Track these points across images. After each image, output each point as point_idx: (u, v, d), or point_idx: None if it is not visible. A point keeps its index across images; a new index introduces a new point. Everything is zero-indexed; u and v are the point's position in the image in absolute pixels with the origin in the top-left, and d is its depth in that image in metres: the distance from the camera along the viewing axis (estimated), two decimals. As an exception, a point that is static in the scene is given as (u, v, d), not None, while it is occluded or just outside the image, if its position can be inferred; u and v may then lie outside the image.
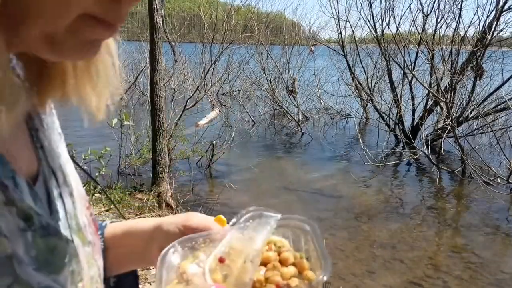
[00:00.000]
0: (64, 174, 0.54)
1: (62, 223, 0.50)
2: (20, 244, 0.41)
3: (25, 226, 0.42)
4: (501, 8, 6.87)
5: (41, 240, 0.44)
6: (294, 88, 10.77)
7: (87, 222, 0.57)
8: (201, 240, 0.52)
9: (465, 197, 5.99)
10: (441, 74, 7.71)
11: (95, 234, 0.58)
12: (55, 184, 0.51)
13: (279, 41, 12.40)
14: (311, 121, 10.59)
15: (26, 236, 0.42)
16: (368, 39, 10.19)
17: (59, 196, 0.51)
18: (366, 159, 6.65)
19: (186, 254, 0.51)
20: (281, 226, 0.53)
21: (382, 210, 5.32)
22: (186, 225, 0.64)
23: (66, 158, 0.57)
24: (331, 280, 3.51)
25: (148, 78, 6.08)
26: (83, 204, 0.58)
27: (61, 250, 0.47)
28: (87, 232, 0.55)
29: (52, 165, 0.52)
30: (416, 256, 4.15)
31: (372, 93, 9.55)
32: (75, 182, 0.58)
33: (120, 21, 0.41)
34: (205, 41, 9.51)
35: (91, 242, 0.55)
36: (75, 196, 0.55)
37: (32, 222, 0.43)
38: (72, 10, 0.38)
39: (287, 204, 5.30)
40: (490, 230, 4.85)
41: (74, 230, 0.52)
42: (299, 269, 0.51)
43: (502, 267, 4.04)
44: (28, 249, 0.42)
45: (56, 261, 0.45)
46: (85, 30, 0.40)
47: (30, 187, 0.44)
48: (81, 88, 0.50)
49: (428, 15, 7.99)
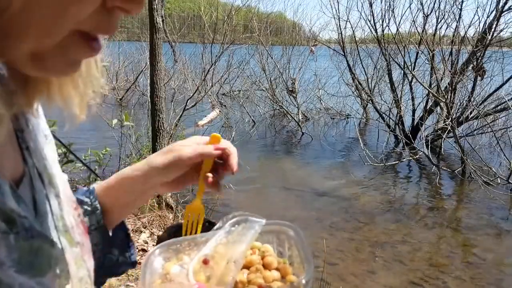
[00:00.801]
0: (50, 176, 0.54)
1: (48, 224, 0.49)
2: (2, 247, 0.40)
3: (7, 229, 0.41)
4: (501, 9, 6.87)
5: (25, 243, 0.43)
6: (295, 88, 10.77)
7: (74, 223, 0.56)
8: (186, 243, 0.53)
9: (465, 197, 5.99)
10: (441, 74, 7.71)
11: (84, 235, 0.58)
12: (40, 186, 0.50)
13: (280, 42, 12.40)
14: (311, 121, 10.59)
15: (9, 239, 0.41)
16: (369, 39, 10.19)
17: (45, 198, 0.50)
18: (366, 159, 6.65)
19: (170, 256, 0.52)
20: (266, 231, 0.55)
21: (382, 210, 5.32)
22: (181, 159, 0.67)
23: (53, 160, 0.57)
24: (331, 280, 3.51)
25: (148, 78, 6.08)
26: (70, 205, 0.57)
27: (45, 252, 0.46)
28: (75, 233, 0.55)
29: (38, 166, 0.52)
30: (416, 256, 4.15)
31: (372, 93, 9.55)
32: (62, 183, 0.57)
33: (112, 31, 0.41)
34: (205, 41, 9.51)
35: (79, 242, 0.55)
36: (61, 197, 0.55)
37: (15, 224, 0.42)
38: (65, 27, 0.38)
39: (287, 204, 5.30)
40: (490, 230, 4.85)
41: (61, 231, 0.52)
42: (282, 273, 0.52)
43: (502, 267, 4.04)
44: (10, 252, 0.41)
45: (41, 263, 0.45)
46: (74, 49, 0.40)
47: (12, 189, 0.44)
48: (63, 88, 0.50)
49: (429, 15, 7.99)
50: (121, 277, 3.12)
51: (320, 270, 3.52)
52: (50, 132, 0.59)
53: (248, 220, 0.52)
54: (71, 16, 0.37)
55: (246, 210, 0.65)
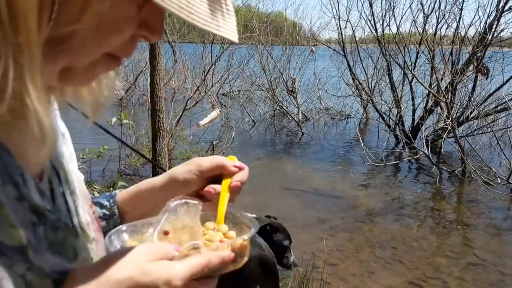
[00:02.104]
0: (65, 173, 0.56)
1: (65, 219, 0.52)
2: (33, 236, 0.43)
3: (37, 221, 0.45)
4: (501, 9, 6.87)
5: (52, 234, 0.47)
6: (295, 88, 10.77)
7: (90, 220, 0.58)
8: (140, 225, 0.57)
9: (465, 197, 5.99)
10: (442, 74, 7.70)
11: (98, 232, 0.60)
12: (57, 182, 0.52)
13: (280, 41, 12.40)
14: (311, 121, 10.59)
15: (38, 230, 0.45)
16: (369, 39, 10.19)
17: (61, 194, 0.53)
18: (366, 159, 6.65)
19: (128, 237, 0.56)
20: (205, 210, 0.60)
21: (382, 210, 5.32)
22: (200, 169, 0.68)
23: (69, 157, 0.59)
24: (331, 280, 3.51)
25: (148, 78, 6.08)
26: (85, 202, 0.60)
27: (70, 243, 0.50)
28: (90, 230, 0.57)
29: (54, 163, 0.54)
30: (416, 257, 4.15)
31: (373, 93, 9.54)
32: (77, 181, 0.59)
33: (132, 53, 0.49)
34: (205, 41, 9.51)
35: (94, 239, 0.57)
36: (77, 194, 0.57)
37: (44, 217, 0.46)
38: (102, 52, 0.44)
39: (287, 204, 5.30)
40: (490, 230, 4.85)
41: (76, 227, 0.54)
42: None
43: (502, 267, 4.04)
44: (40, 241, 0.44)
45: (67, 253, 0.48)
46: (102, 67, 0.47)
47: (36, 184, 0.46)
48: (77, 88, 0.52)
49: (429, 15, 7.99)
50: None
51: (320, 270, 3.52)
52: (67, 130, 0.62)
53: (187, 202, 0.56)
54: (110, 44, 0.44)
55: (246, 210, 0.66)
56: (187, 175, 0.68)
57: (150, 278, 0.44)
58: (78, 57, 0.43)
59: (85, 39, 0.41)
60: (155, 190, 0.70)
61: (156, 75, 4.83)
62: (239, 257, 0.56)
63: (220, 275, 0.53)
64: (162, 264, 0.46)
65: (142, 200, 0.72)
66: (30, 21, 0.36)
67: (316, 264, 3.62)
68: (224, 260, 0.51)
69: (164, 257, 0.47)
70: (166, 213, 0.55)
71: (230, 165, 0.68)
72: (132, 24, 0.44)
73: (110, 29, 0.42)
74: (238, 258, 0.55)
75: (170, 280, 0.44)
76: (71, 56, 0.42)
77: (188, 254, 0.50)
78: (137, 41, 0.48)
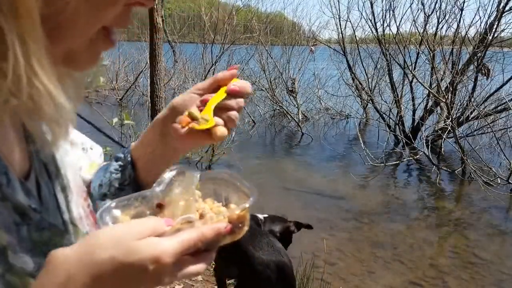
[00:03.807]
0: (57, 168, 0.55)
1: (53, 217, 0.51)
2: (15, 237, 0.42)
3: (20, 221, 0.44)
4: (502, 9, 6.87)
5: (36, 234, 0.46)
6: (294, 88, 10.76)
7: (83, 214, 0.57)
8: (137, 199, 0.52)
9: (465, 198, 5.99)
10: (442, 74, 7.70)
11: (93, 226, 0.59)
12: (46, 179, 0.51)
13: (279, 41, 12.39)
14: (311, 122, 10.59)
15: (22, 230, 0.44)
16: (369, 39, 10.18)
17: (50, 191, 0.52)
18: (366, 159, 6.65)
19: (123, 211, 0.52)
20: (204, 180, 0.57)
21: (382, 210, 5.32)
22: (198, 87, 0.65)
23: (64, 151, 0.58)
24: (331, 280, 3.51)
25: (148, 78, 6.08)
26: (80, 195, 0.58)
27: (56, 242, 0.48)
28: (84, 224, 0.56)
29: (44, 159, 0.53)
30: (416, 256, 4.15)
31: (373, 93, 9.54)
32: (72, 174, 0.58)
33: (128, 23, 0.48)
34: (206, 41, 9.52)
35: (88, 233, 0.56)
36: (71, 187, 0.56)
37: (28, 217, 0.45)
38: (98, 26, 0.44)
39: (287, 204, 5.30)
40: (490, 230, 4.85)
41: (67, 223, 0.53)
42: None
43: (502, 267, 4.04)
44: (23, 242, 0.43)
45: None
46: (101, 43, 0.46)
47: (22, 183, 0.46)
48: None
49: (430, 15, 7.99)
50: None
51: (320, 270, 3.51)
52: None
53: (185, 172, 0.53)
54: (105, 17, 0.43)
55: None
56: (186, 97, 0.64)
57: (137, 256, 0.41)
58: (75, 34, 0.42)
59: (79, 13, 0.41)
60: (157, 122, 0.66)
61: (156, 75, 4.83)
62: (237, 228, 0.52)
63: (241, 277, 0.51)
64: (150, 241, 0.43)
65: (148, 138, 0.68)
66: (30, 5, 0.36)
67: (316, 263, 3.61)
68: (220, 232, 0.48)
69: (153, 233, 0.44)
70: (161, 184, 0.51)
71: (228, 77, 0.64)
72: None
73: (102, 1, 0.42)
74: (236, 229, 0.52)
75: (159, 258, 0.42)
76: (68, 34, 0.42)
77: (180, 228, 0.46)
78: (130, 10, 0.46)
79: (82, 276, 0.40)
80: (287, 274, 2.48)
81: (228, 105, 0.63)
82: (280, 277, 2.44)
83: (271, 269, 2.42)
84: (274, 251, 2.50)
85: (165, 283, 0.44)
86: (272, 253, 2.48)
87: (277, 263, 2.45)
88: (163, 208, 0.49)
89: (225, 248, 0.54)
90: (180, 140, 0.62)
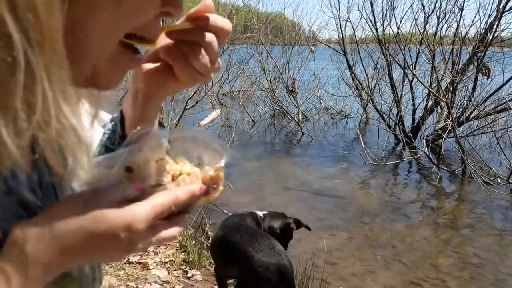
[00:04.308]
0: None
1: None
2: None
3: (23, 214, 0.43)
4: (502, 9, 6.87)
5: None
6: (294, 88, 10.76)
7: None
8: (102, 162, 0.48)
9: (465, 197, 5.99)
10: (442, 74, 7.70)
11: None
12: (47, 173, 0.51)
13: (279, 41, 12.39)
14: (311, 121, 10.59)
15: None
16: (369, 39, 10.18)
17: (51, 186, 0.51)
18: (366, 159, 6.65)
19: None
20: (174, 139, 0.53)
21: (382, 210, 5.31)
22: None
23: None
24: (331, 280, 3.51)
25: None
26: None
27: None
28: None
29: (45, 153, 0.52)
30: (416, 256, 4.15)
31: (373, 93, 9.54)
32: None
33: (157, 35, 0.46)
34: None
35: None
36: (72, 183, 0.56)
37: (31, 210, 0.44)
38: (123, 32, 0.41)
39: (287, 204, 5.29)
40: (490, 230, 4.84)
41: None
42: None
43: (502, 267, 4.03)
44: None
45: None
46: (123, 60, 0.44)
47: (27, 178, 0.45)
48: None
49: (430, 15, 7.99)
50: (121, 277, 3.12)
51: (320, 270, 3.51)
52: None
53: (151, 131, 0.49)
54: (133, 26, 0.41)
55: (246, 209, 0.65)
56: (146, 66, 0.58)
57: (107, 225, 0.39)
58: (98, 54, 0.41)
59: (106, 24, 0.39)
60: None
61: (156, 75, 4.82)
62: (212, 189, 0.50)
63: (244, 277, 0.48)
64: (120, 207, 0.40)
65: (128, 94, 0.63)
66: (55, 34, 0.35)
67: (316, 263, 3.61)
68: (194, 194, 0.46)
69: (123, 199, 0.42)
70: (129, 146, 0.47)
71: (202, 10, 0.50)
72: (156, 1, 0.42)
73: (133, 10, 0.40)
74: (211, 190, 0.49)
75: (131, 225, 0.40)
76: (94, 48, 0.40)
77: (152, 192, 0.44)
78: (159, 21, 0.45)
79: (45, 251, 0.39)
80: (287, 277, 2.48)
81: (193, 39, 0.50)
82: (280, 280, 2.44)
83: (271, 271, 2.42)
84: (274, 253, 2.50)
85: (139, 250, 0.43)
86: (272, 255, 2.48)
87: (277, 266, 2.45)
88: (132, 171, 0.46)
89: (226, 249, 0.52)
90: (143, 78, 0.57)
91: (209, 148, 0.53)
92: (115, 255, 0.43)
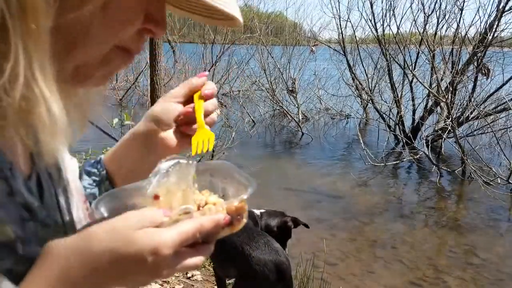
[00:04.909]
0: (59, 170, 0.55)
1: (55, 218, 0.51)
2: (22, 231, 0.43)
3: (28, 217, 0.44)
4: (502, 9, 6.87)
5: (42, 231, 0.46)
6: (295, 88, 10.76)
7: (83, 217, 0.58)
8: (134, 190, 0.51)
9: (465, 197, 5.99)
10: (442, 74, 7.70)
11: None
12: (48, 180, 0.51)
13: (280, 42, 12.39)
14: (311, 121, 10.59)
15: (28, 226, 0.44)
16: (369, 39, 10.18)
17: (53, 193, 0.52)
18: (366, 159, 6.65)
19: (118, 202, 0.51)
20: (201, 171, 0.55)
21: (382, 210, 5.31)
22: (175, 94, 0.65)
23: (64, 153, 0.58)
24: (331, 280, 3.51)
25: (148, 78, 6.08)
26: (80, 199, 0.59)
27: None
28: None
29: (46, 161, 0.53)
30: (416, 256, 4.15)
31: (373, 93, 9.54)
32: (73, 177, 0.58)
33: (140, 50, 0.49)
34: (206, 41, 9.51)
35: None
36: (72, 190, 0.56)
37: (35, 213, 0.45)
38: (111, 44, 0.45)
39: (287, 204, 5.29)
40: (490, 230, 4.85)
41: (68, 225, 0.53)
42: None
43: (502, 267, 4.04)
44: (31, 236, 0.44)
45: None
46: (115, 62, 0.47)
47: (24, 181, 0.46)
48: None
49: (430, 15, 7.99)
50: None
51: (320, 270, 3.51)
52: None
53: (179, 162, 0.51)
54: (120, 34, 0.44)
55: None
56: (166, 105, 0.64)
57: (135, 248, 0.40)
58: (88, 48, 0.43)
59: (93, 26, 0.41)
60: (137, 136, 0.65)
61: (156, 75, 4.83)
62: (236, 220, 0.51)
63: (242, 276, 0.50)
64: (148, 232, 0.42)
65: (125, 152, 0.66)
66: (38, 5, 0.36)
67: (316, 263, 3.61)
68: (219, 224, 0.47)
69: (151, 224, 0.43)
70: (157, 175, 0.49)
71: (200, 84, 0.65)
72: (140, 15, 0.44)
73: (118, 19, 0.43)
74: (235, 221, 0.51)
75: (158, 249, 0.41)
76: (81, 47, 0.42)
77: (178, 219, 0.45)
78: (144, 36, 0.48)
79: (79, 268, 0.40)
80: (285, 274, 2.48)
81: (207, 109, 0.65)
82: (278, 277, 2.44)
83: (269, 268, 2.42)
84: (271, 250, 2.50)
85: (163, 276, 0.43)
86: (269, 252, 2.48)
87: (275, 263, 2.45)
88: (159, 199, 0.48)
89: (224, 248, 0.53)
90: (170, 150, 0.62)
91: (234, 180, 0.56)
92: (141, 279, 0.43)
